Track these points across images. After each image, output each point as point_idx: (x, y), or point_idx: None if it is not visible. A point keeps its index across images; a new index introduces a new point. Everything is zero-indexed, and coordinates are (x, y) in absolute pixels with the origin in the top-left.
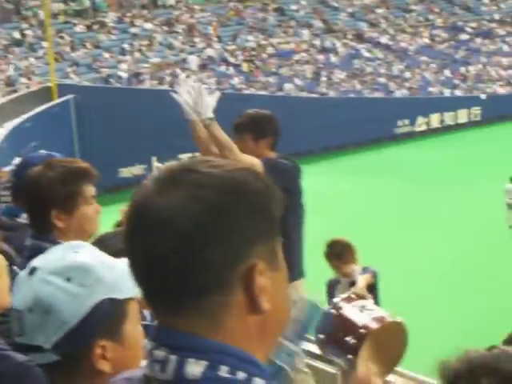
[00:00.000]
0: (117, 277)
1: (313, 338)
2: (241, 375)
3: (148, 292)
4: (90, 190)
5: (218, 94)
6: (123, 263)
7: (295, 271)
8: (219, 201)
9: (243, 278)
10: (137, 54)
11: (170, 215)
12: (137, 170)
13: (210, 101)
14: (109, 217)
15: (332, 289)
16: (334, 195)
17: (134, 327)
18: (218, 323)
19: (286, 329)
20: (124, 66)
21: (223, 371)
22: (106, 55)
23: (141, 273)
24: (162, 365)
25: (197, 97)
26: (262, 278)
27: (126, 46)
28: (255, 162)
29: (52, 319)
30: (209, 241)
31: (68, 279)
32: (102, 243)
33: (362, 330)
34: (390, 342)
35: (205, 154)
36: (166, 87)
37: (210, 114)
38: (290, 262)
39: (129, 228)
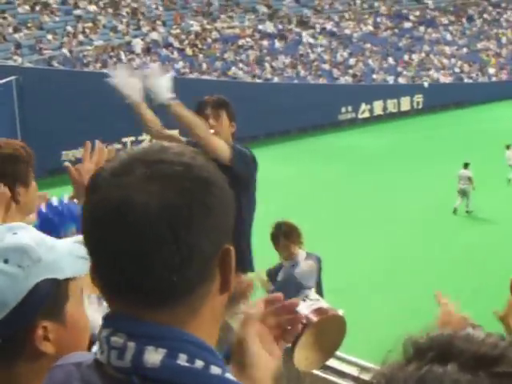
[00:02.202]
0: (57, 257)
1: None
2: (199, 363)
3: (117, 289)
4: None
5: (170, 75)
6: (66, 243)
7: (245, 264)
8: (202, 193)
9: (220, 263)
10: (81, 37)
11: (160, 213)
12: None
13: (164, 82)
14: None
15: (274, 275)
16: (278, 181)
17: (77, 308)
18: (196, 313)
19: None
20: (67, 49)
21: (182, 359)
22: (50, 37)
23: (115, 271)
24: (120, 352)
25: (156, 80)
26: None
27: (69, 28)
28: (225, 145)
29: None
30: (201, 235)
31: (5, 261)
32: None
33: (303, 321)
34: (329, 333)
35: (156, 137)
36: (109, 70)
37: (169, 95)
38: (240, 254)
39: (103, 227)
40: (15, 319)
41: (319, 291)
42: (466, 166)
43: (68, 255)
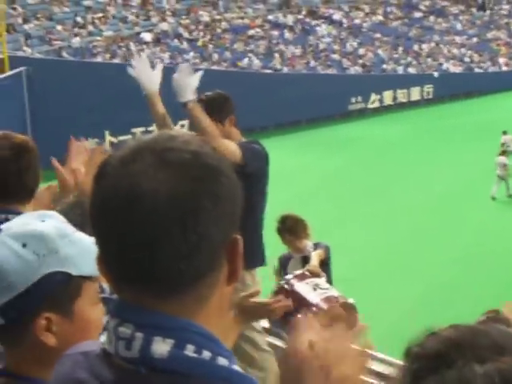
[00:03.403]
0: (76, 252)
1: None
2: (206, 354)
3: (125, 278)
4: None
5: (200, 74)
6: (90, 241)
7: (257, 257)
8: (210, 181)
9: (228, 252)
10: (90, 27)
11: (168, 201)
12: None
13: (193, 82)
14: None
15: (284, 264)
16: (289, 171)
17: (89, 307)
18: (204, 303)
19: None
20: (77, 39)
21: (189, 350)
22: (59, 28)
23: (123, 260)
24: (128, 342)
25: (182, 78)
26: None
27: (79, 18)
28: (235, 147)
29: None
30: (209, 224)
31: (24, 245)
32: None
33: (314, 309)
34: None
35: (160, 128)
36: (118, 61)
37: (191, 97)
38: (253, 247)
39: (112, 215)
40: (20, 304)
41: (329, 281)
42: (503, 153)
43: (90, 254)
